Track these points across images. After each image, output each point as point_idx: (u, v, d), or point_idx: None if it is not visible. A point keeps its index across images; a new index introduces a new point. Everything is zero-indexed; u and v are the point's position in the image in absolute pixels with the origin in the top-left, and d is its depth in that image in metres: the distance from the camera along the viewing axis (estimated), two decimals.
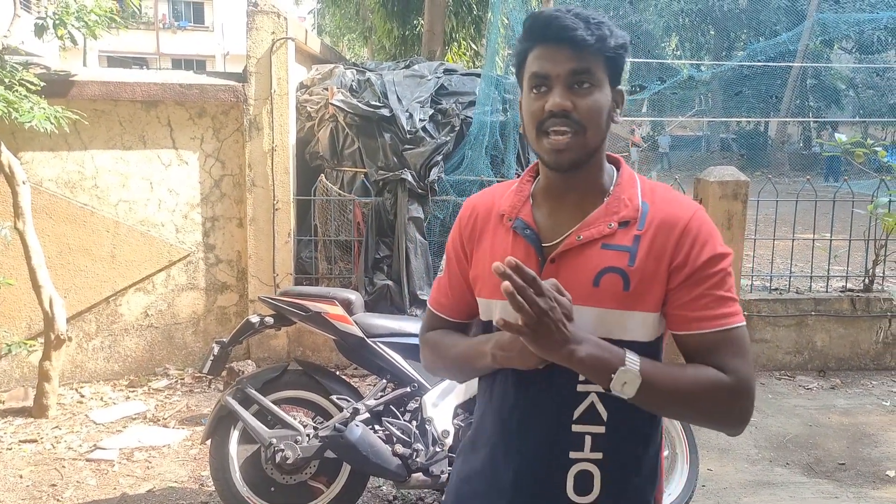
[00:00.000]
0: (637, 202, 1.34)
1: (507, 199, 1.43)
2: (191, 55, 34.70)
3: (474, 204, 1.49)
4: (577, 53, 1.26)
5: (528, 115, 1.32)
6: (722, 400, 1.27)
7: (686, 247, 1.29)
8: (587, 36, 1.25)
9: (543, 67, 1.28)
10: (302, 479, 3.18)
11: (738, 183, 5.26)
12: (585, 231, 1.32)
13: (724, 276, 1.29)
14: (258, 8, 5.05)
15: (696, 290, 1.28)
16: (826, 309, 5.42)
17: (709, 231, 1.31)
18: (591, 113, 1.27)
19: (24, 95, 4.07)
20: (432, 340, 1.52)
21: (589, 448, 1.32)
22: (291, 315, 3.17)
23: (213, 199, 5.16)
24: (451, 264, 1.50)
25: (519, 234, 1.37)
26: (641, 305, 1.29)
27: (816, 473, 3.90)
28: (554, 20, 1.26)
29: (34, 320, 4.71)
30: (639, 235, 1.30)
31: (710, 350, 1.28)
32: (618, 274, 1.29)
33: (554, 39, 1.27)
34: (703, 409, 1.28)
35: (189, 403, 4.66)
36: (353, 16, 16.46)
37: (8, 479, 3.67)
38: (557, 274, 1.30)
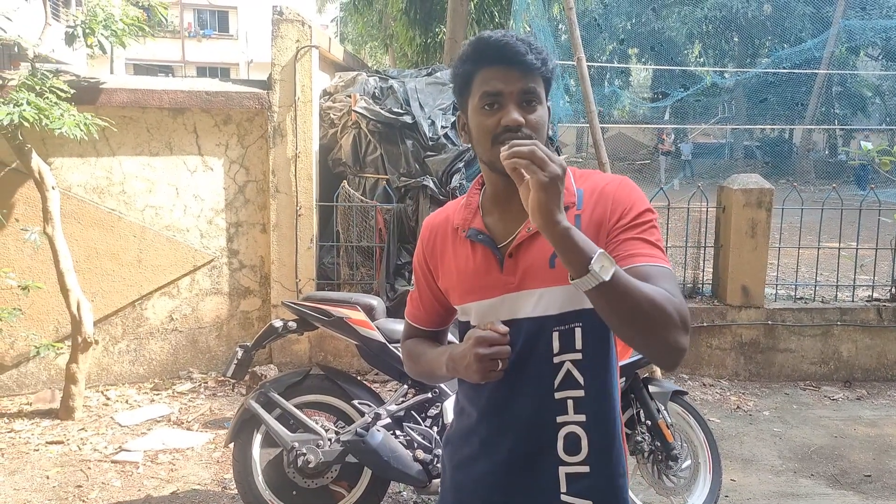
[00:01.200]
0: (573, 188, 1.48)
1: (458, 213, 1.58)
2: (215, 63, 35.14)
3: (432, 224, 1.63)
4: (526, 74, 1.41)
5: (480, 129, 1.44)
6: (668, 314, 1.30)
7: (609, 204, 1.44)
8: (535, 60, 1.41)
9: (496, 86, 1.41)
10: (323, 484, 3.20)
11: (762, 191, 5.22)
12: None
13: (650, 226, 1.42)
14: (283, 16, 5.11)
15: (627, 234, 1.41)
16: (852, 319, 5.35)
17: (629, 189, 1.46)
18: (538, 126, 1.43)
19: (55, 102, 4.16)
20: (408, 348, 1.71)
21: (573, 411, 1.46)
22: (314, 320, 3.20)
23: (238, 204, 5.22)
24: (420, 280, 1.65)
25: (475, 241, 1.51)
26: None
27: (842, 485, 3.85)
28: (506, 46, 1.40)
29: (62, 323, 4.79)
30: (578, 214, 1.45)
31: (649, 278, 1.34)
32: None
33: (506, 62, 1.41)
34: (651, 320, 1.29)
35: (212, 407, 4.70)
36: (375, 24, 16.59)
37: (35, 480, 3.73)
38: (516, 266, 1.45)
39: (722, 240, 5.43)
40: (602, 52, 26.42)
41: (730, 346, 5.34)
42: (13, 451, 4.04)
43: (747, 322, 5.29)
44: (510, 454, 1.49)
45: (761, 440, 4.38)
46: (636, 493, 3.28)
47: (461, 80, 1.48)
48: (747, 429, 4.53)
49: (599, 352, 1.46)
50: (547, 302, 1.43)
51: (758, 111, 22.83)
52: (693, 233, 5.56)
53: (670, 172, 22.36)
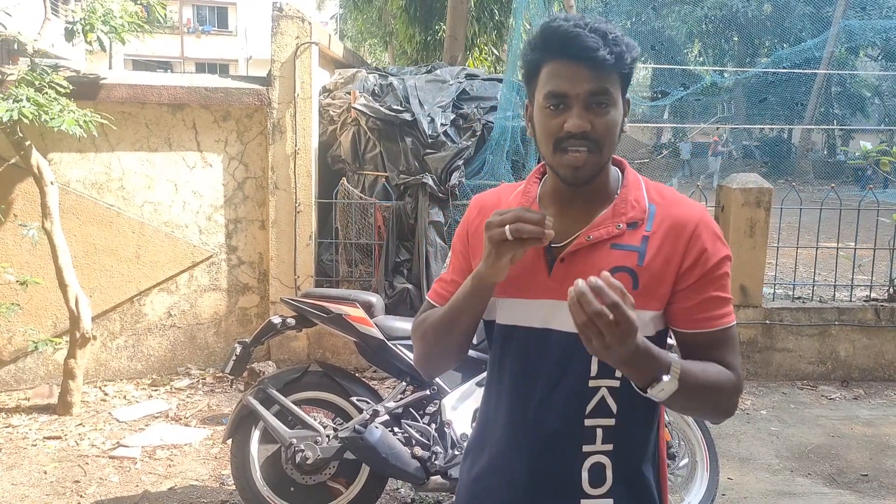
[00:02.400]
0: (644, 203, 1.37)
1: (514, 200, 1.46)
2: (214, 59, 35.09)
3: (482, 203, 1.50)
4: (596, 73, 1.27)
5: (544, 130, 1.33)
6: (728, 396, 1.33)
7: (696, 250, 1.33)
8: (607, 56, 1.26)
9: (561, 87, 1.28)
10: (321, 480, 3.20)
11: (761, 190, 5.23)
12: (595, 231, 1.35)
13: (727, 278, 1.36)
14: (283, 13, 5.11)
15: (704, 292, 1.33)
16: (850, 318, 5.36)
17: (716, 234, 1.36)
18: (608, 131, 1.30)
19: (54, 98, 4.15)
20: (420, 319, 1.50)
21: (600, 440, 1.36)
22: (313, 317, 3.20)
23: (236, 201, 5.22)
24: (457, 259, 1.50)
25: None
26: (648, 304, 1.33)
27: (839, 484, 3.86)
28: (575, 38, 1.26)
29: (60, 319, 4.78)
30: (647, 236, 1.34)
31: (712, 346, 1.35)
32: (627, 273, 1.32)
33: (573, 57, 1.27)
34: (713, 404, 1.34)
35: (210, 403, 4.71)
36: (374, 21, 16.56)
37: (32, 475, 3.73)
38: (566, 273, 1.32)
39: None
40: None
41: None
42: (11, 447, 4.04)
43: (745, 321, 5.30)
44: (531, 473, 1.39)
45: (758, 439, 4.39)
46: None
47: (528, 69, 1.35)
48: (745, 428, 4.54)
49: None
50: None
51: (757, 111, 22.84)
52: None
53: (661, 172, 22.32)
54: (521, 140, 5.42)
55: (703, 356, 1.34)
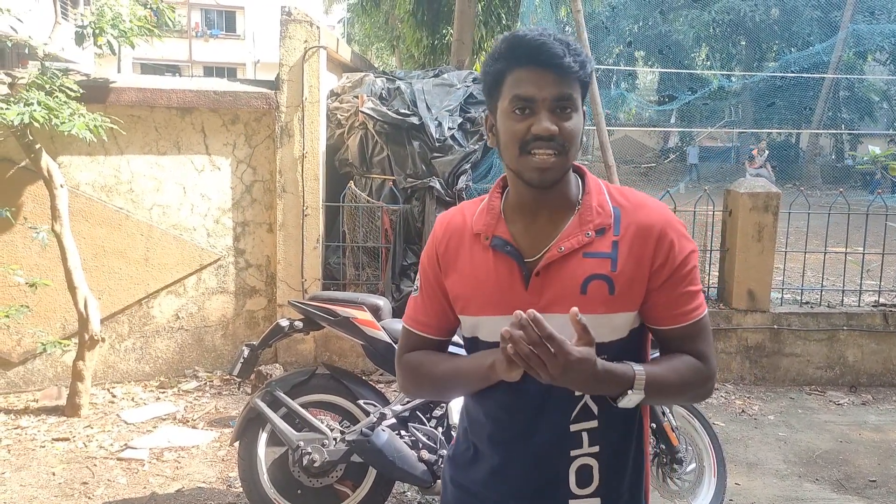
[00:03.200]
0: (609, 208, 1.41)
1: (479, 217, 1.46)
2: (222, 63, 35.23)
3: (447, 223, 1.51)
4: (562, 79, 1.31)
5: (509, 135, 1.35)
6: (700, 385, 1.41)
7: (665, 249, 1.37)
8: (572, 63, 1.31)
9: (528, 91, 1.32)
10: (328, 483, 3.20)
11: (769, 195, 5.22)
12: (565, 242, 1.37)
13: (695, 271, 1.41)
14: (291, 17, 5.13)
15: (675, 289, 1.39)
16: (858, 324, 5.34)
17: (681, 232, 1.40)
18: (573, 135, 1.33)
19: (64, 102, 4.18)
20: (414, 362, 1.52)
21: (587, 444, 1.41)
22: (321, 320, 3.21)
23: (244, 204, 5.24)
24: (429, 282, 1.51)
25: (499, 251, 1.40)
26: (625, 306, 1.38)
27: (847, 490, 3.84)
28: (542, 46, 1.30)
29: (69, 321, 4.81)
30: (616, 241, 1.37)
31: (686, 339, 1.41)
32: (603, 280, 1.36)
33: (540, 64, 1.31)
34: (685, 397, 1.47)
35: (217, 405, 4.72)
36: (382, 25, 16.60)
37: (41, 476, 3.75)
38: (543, 286, 1.36)
39: (728, 243, 5.43)
40: (609, 54, 26.41)
41: (735, 349, 5.33)
42: (19, 448, 4.06)
43: (753, 326, 5.28)
44: (521, 484, 1.43)
45: (766, 444, 4.37)
46: None
47: (491, 79, 1.37)
48: (752, 433, 4.53)
49: None
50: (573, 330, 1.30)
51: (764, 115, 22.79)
52: (699, 236, 5.56)
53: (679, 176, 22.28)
54: None
55: (678, 348, 1.42)
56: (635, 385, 1.29)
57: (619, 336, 1.39)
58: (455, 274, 1.46)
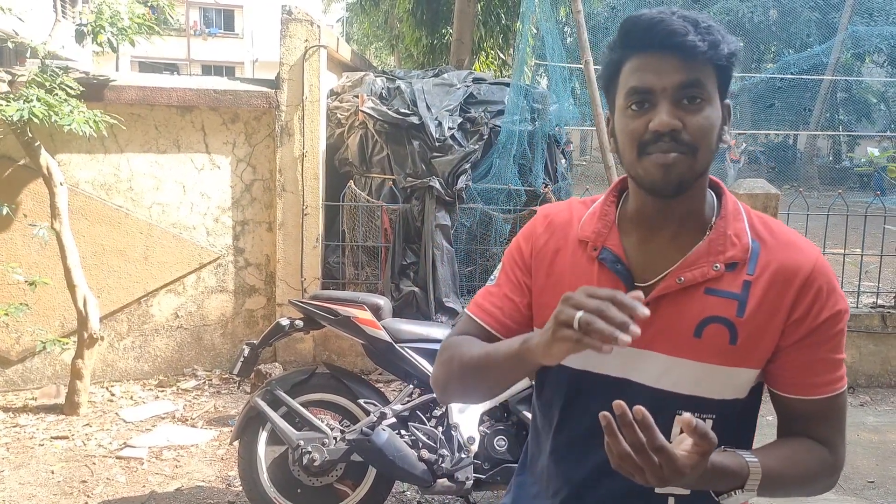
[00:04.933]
0: (746, 240, 1.17)
1: (589, 221, 1.25)
2: (221, 62, 35.19)
3: (552, 219, 1.30)
4: (687, 63, 1.08)
5: (626, 136, 1.13)
6: (823, 479, 1.20)
7: (808, 301, 1.13)
8: (699, 42, 1.07)
9: (646, 81, 1.10)
10: (328, 482, 3.21)
11: (768, 196, 5.22)
12: (687, 272, 1.15)
13: (842, 336, 1.17)
14: (292, 16, 5.13)
15: (814, 352, 1.15)
16: (856, 325, 5.35)
17: (832, 284, 1.16)
18: (702, 132, 1.10)
19: (64, 99, 4.17)
20: (452, 342, 1.31)
21: None
22: (321, 319, 3.21)
23: (244, 203, 5.24)
24: (511, 274, 1.30)
25: (607, 268, 1.20)
26: (747, 362, 1.16)
27: (845, 491, 3.85)
28: (659, 24, 1.08)
29: (68, 319, 4.80)
30: (749, 281, 1.15)
31: (814, 417, 1.19)
32: (724, 325, 1.14)
33: (658, 47, 1.09)
34: (802, 493, 1.19)
35: (216, 404, 4.72)
36: (381, 24, 16.61)
37: (40, 475, 3.74)
38: (653, 318, 1.11)
39: None
40: None
41: None
42: (18, 446, 4.06)
43: None
44: None
45: None
46: None
47: (607, 74, 1.17)
48: None
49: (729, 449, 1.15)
50: (678, 376, 1.15)
51: (762, 116, 22.82)
52: None
53: None
54: (527, 144, 5.43)
55: (801, 427, 1.20)
56: (747, 485, 1.08)
57: (736, 396, 1.18)
58: (547, 278, 1.26)
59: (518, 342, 1.12)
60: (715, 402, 1.16)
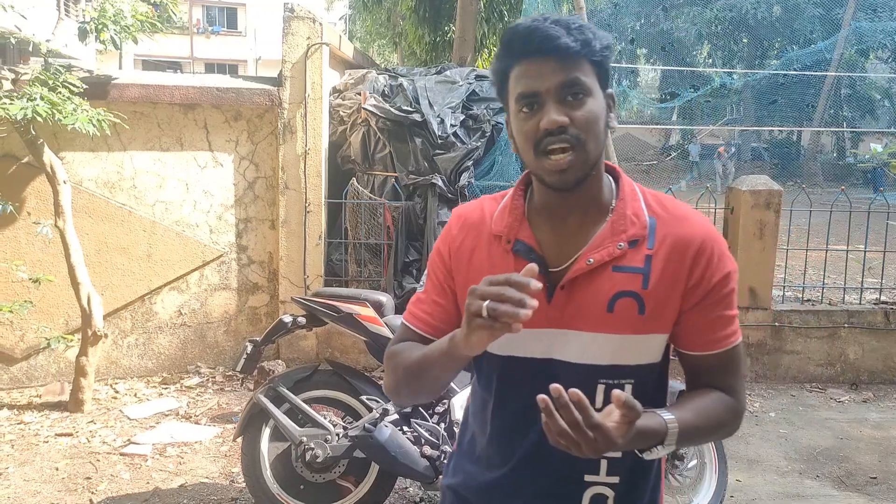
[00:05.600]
0: (644, 218, 1.28)
1: (500, 216, 1.34)
2: (224, 59, 35.19)
3: (465, 219, 1.38)
4: (565, 64, 1.18)
5: (521, 137, 1.23)
6: (730, 423, 1.32)
7: (702, 267, 1.25)
8: (572, 43, 1.17)
9: (531, 85, 1.20)
10: (331, 478, 3.22)
11: (770, 192, 5.22)
12: (594, 254, 1.26)
13: (733, 294, 1.29)
14: (294, 14, 5.14)
15: (711, 312, 1.27)
16: (859, 321, 5.34)
17: (722, 249, 1.28)
18: (588, 124, 1.20)
19: (67, 97, 4.19)
20: (396, 350, 1.39)
21: (605, 472, 1.31)
22: (324, 316, 3.22)
23: (247, 200, 5.25)
24: (436, 278, 1.39)
25: (521, 258, 1.28)
26: (656, 328, 1.27)
27: (847, 487, 3.85)
28: (535, 31, 1.18)
29: (72, 316, 4.82)
30: (650, 255, 1.25)
31: (717, 369, 1.31)
32: (632, 298, 1.25)
33: (537, 52, 1.19)
34: (714, 438, 1.37)
35: (220, 401, 4.73)
36: (383, 22, 16.58)
37: (44, 471, 3.76)
38: (569, 300, 1.25)
39: (730, 241, 5.43)
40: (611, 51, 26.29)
41: None
42: (23, 443, 4.08)
43: (754, 323, 5.29)
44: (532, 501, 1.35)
45: (767, 441, 4.39)
46: None
47: (498, 82, 1.27)
48: (753, 430, 4.54)
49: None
50: (597, 349, 1.25)
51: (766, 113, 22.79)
52: None
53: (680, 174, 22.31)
54: None
55: (707, 380, 1.32)
56: (666, 441, 1.18)
57: (651, 360, 1.30)
58: (468, 275, 1.33)
59: (446, 340, 1.22)
60: (632, 367, 1.27)
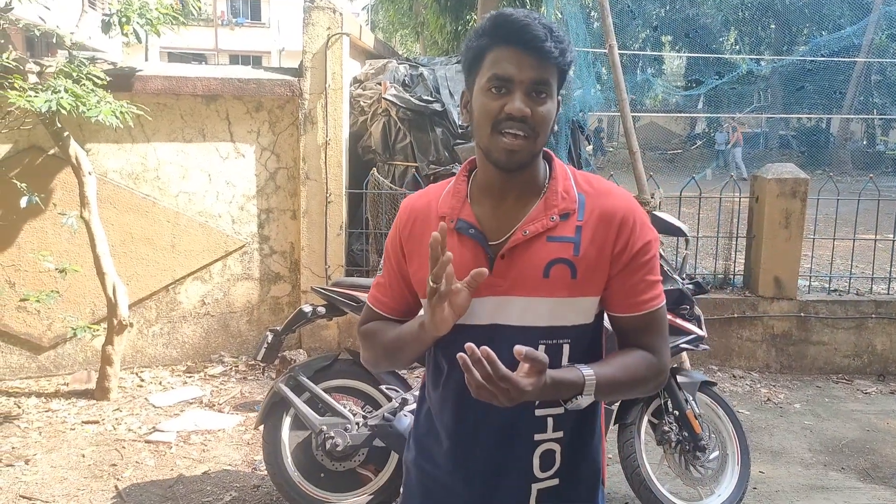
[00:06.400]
0: (574, 194, 1.42)
1: (444, 200, 1.47)
2: (248, 51, 35.39)
3: (412, 206, 1.52)
4: (541, 63, 1.31)
5: (483, 112, 1.35)
6: (650, 380, 1.44)
7: (625, 236, 1.39)
8: (553, 48, 1.31)
9: (507, 71, 1.31)
10: (351, 467, 3.24)
11: (796, 181, 5.14)
12: (530, 226, 1.39)
13: (654, 261, 1.43)
14: (315, 4, 5.14)
15: (634, 276, 1.40)
16: (887, 312, 5.25)
17: (642, 220, 1.42)
18: (544, 121, 1.34)
19: (91, 90, 4.22)
20: (370, 330, 1.56)
21: (551, 429, 1.44)
22: (343, 305, 3.23)
23: (269, 191, 5.28)
24: (391, 264, 1.54)
25: (464, 234, 1.41)
26: (587, 291, 1.40)
27: (873, 479, 3.80)
28: (526, 27, 1.30)
29: (98, 306, 4.89)
30: (580, 226, 1.39)
31: (640, 330, 1.44)
32: (565, 264, 1.38)
33: (521, 45, 1.31)
34: (635, 392, 1.47)
35: (243, 390, 4.78)
36: (406, 11, 16.55)
37: (71, 458, 3.83)
38: (508, 269, 1.38)
39: (755, 230, 5.36)
40: (635, 39, 26.05)
41: (761, 337, 5.28)
42: (50, 430, 4.15)
43: (779, 314, 5.22)
44: (484, 467, 1.46)
45: (791, 433, 4.33)
46: (663, 482, 3.27)
47: (472, 55, 1.37)
48: (777, 421, 4.49)
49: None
50: (535, 312, 1.38)
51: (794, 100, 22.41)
52: (725, 223, 5.50)
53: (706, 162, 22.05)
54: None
55: (634, 339, 1.44)
56: (584, 391, 1.31)
57: (585, 321, 1.43)
58: (419, 258, 1.46)
59: (417, 325, 1.40)
60: (568, 328, 1.40)
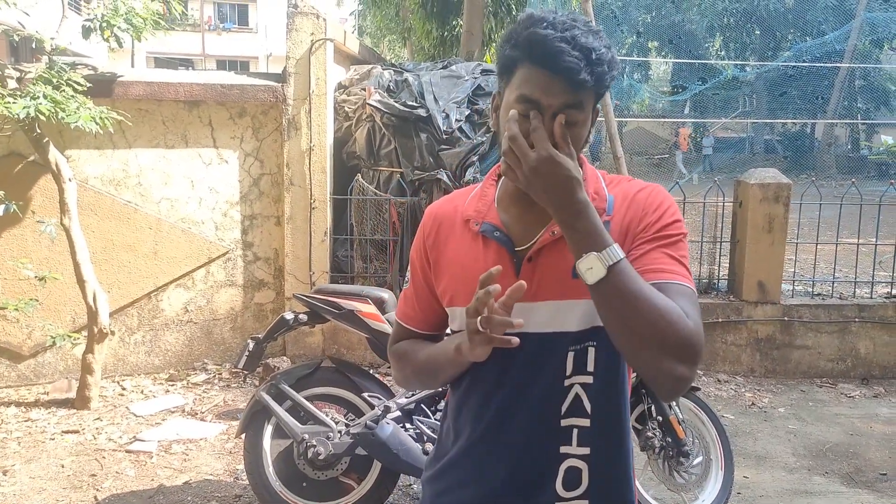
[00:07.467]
0: (604, 194, 1.36)
1: (471, 203, 1.41)
2: (235, 56, 35.28)
3: (436, 212, 1.47)
4: (573, 89, 1.22)
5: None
6: (673, 324, 1.17)
7: (640, 211, 1.31)
8: (587, 77, 1.20)
9: (535, 94, 1.23)
10: (333, 476, 3.21)
11: (779, 185, 5.16)
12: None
13: (678, 241, 1.30)
14: (298, 9, 5.12)
15: (651, 245, 1.28)
16: (870, 315, 5.28)
17: (661, 198, 1.33)
18: (574, 141, 1.25)
19: (71, 96, 4.19)
20: (400, 350, 1.50)
21: (576, 442, 1.33)
22: (325, 312, 3.21)
23: (252, 197, 5.25)
24: (416, 275, 1.47)
25: (489, 238, 1.35)
26: None
27: (856, 483, 3.80)
28: (558, 54, 1.19)
29: (78, 314, 4.84)
30: (608, 221, 1.31)
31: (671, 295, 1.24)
32: None
33: (553, 70, 1.21)
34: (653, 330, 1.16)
35: (226, 398, 4.74)
36: (393, 17, 16.55)
37: (50, 468, 3.78)
38: (534, 272, 1.30)
39: (738, 235, 5.38)
40: (621, 45, 26.20)
41: (745, 342, 5.30)
42: (29, 440, 4.10)
43: (763, 318, 5.24)
44: (505, 483, 1.36)
45: (776, 437, 4.34)
46: (647, 489, 3.27)
47: (503, 63, 1.29)
48: (762, 425, 4.49)
49: (611, 376, 1.33)
50: (564, 317, 1.29)
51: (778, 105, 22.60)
52: (709, 227, 5.52)
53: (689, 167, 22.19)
54: None
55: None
56: (604, 253, 1.16)
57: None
58: (444, 264, 1.41)
59: (452, 348, 1.30)
60: (594, 329, 1.29)
